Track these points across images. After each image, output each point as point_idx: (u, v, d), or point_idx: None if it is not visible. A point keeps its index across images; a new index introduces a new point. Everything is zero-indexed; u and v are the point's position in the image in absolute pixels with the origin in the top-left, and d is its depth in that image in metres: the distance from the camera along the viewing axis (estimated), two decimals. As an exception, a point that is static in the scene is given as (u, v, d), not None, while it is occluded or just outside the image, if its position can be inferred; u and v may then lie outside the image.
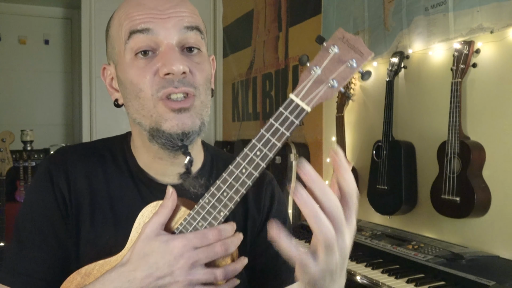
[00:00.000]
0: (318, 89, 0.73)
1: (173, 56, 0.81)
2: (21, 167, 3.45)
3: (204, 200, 0.77)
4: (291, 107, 0.73)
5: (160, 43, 0.83)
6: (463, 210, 1.67)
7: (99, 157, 0.93)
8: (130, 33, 0.82)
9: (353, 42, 0.74)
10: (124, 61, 0.85)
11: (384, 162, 2.02)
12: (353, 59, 0.73)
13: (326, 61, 0.73)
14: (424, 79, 1.98)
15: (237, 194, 0.75)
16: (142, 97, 0.83)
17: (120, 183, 0.91)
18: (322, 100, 0.73)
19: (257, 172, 0.74)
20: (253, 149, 0.74)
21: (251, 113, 3.55)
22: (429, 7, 1.90)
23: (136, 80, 0.83)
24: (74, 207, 0.88)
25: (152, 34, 0.82)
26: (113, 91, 0.92)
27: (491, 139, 1.68)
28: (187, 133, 0.83)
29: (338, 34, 0.74)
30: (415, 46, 1.98)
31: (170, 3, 0.85)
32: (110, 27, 0.89)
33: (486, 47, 1.68)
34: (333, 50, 0.73)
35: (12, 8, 4.50)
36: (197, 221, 0.77)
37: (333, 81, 0.73)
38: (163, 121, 0.83)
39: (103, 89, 4.26)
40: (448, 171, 1.72)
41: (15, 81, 4.55)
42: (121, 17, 0.86)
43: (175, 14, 0.84)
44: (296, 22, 2.94)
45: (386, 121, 2.02)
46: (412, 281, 1.54)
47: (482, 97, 1.72)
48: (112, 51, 0.89)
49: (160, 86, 0.82)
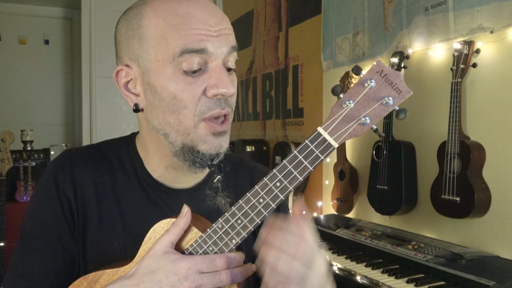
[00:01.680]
0: (348, 125, 0.70)
1: (225, 77, 0.79)
2: (21, 167, 3.44)
3: (218, 225, 0.75)
4: (317, 141, 0.70)
5: (209, 61, 0.79)
6: (463, 210, 1.67)
7: (106, 162, 0.91)
8: (183, 51, 0.77)
9: (391, 78, 0.69)
10: (165, 71, 0.79)
11: (384, 162, 2.02)
12: (389, 97, 0.68)
13: (360, 95, 0.69)
14: (424, 79, 1.98)
15: (251, 223, 0.73)
16: (183, 114, 0.80)
17: (128, 189, 0.89)
18: (351, 137, 0.70)
19: (275, 203, 0.72)
20: (273, 179, 0.72)
21: (251, 113, 3.55)
22: (429, 7, 1.89)
23: (181, 95, 0.79)
24: (80, 214, 0.87)
25: (205, 53, 0.78)
26: (130, 95, 0.86)
27: (491, 139, 1.68)
28: (220, 154, 0.83)
29: (376, 67, 0.70)
30: (415, 46, 1.98)
31: (217, 17, 0.81)
32: (143, 26, 0.81)
33: (486, 47, 1.68)
34: (370, 84, 0.69)
35: (12, 8, 4.49)
36: (208, 244, 0.76)
37: (365, 118, 0.69)
38: (202, 143, 0.81)
39: (103, 89, 4.26)
40: (448, 171, 1.72)
41: (15, 81, 4.55)
42: (166, 24, 0.79)
43: (224, 32, 0.80)
44: (296, 22, 2.94)
45: (386, 121, 2.02)
46: (412, 281, 1.54)
47: (482, 97, 1.72)
48: (142, 54, 0.81)
49: (207, 108, 0.79)
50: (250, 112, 3.56)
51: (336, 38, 2.49)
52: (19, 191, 3.44)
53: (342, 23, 2.44)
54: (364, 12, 2.28)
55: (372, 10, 2.23)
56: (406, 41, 2.02)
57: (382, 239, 1.89)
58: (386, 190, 2.01)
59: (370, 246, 1.86)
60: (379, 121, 0.73)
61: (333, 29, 2.52)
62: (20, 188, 3.44)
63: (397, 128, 2.06)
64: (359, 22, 2.32)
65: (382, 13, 2.16)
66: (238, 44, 0.84)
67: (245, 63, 3.62)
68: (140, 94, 0.84)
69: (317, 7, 2.66)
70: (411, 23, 1.99)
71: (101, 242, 0.86)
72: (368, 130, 0.73)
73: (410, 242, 1.80)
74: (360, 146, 2.35)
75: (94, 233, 0.87)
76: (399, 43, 2.06)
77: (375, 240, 1.89)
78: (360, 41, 2.31)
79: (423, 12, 1.93)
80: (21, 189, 3.44)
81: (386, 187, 2.01)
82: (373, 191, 2.08)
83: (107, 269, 0.81)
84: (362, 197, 2.32)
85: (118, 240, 0.86)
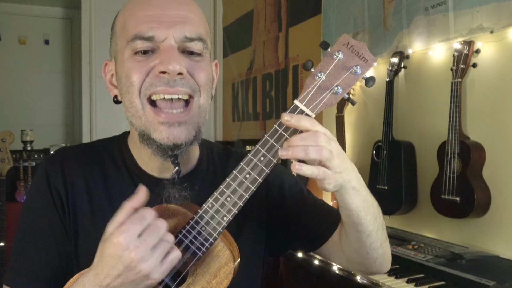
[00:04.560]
0: (322, 95, 0.74)
1: (171, 55, 0.80)
2: (21, 167, 3.44)
3: (208, 205, 0.76)
4: (295, 113, 0.73)
5: (160, 44, 0.82)
6: (463, 210, 1.67)
7: (96, 157, 0.93)
8: (134, 37, 0.82)
9: (357, 49, 0.74)
10: (124, 56, 0.84)
11: (384, 162, 2.02)
12: (357, 66, 0.73)
13: (330, 67, 0.74)
14: (424, 79, 1.98)
15: (241, 199, 0.75)
16: (131, 93, 0.82)
17: (119, 182, 0.91)
18: (326, 106, 0.74)
19: (261, 177, 0.74)
20: (257, 154, 0.74)
21: (251, 113, 3.55)
22: (429, 7, 1.89)
23: (130, 74, 0.82)
24: (71, 208, 0.88)
25: (155, 41, 0.81)
26: (112, 88, 0.92)
27: (491, 139, 1.68)
28: (179, 145, 0.82)
29: (342, 40, 0.75)
30: (415, 46, 1.98)
31: (176, 8, 0.83)
32: (115, 23, 0.89)
33: (486, 47, 1.68)
34: (338, 56, 0.74)
35: (12, 8, 4.49)
36: (200, 225, 0.77)
37: (337, 88, 0.73)
38: (153, 131, 0.82)
39: (103, 89, 4.25)
40: (448, 171, 1.72)
41: (15, 81, 4.55)
42: (126, 14, 0.85)
43: (180, 19, 0.82)
44: (296, 22, 2.94)
45: (386, 121, 2.01)
46: (412, 281, 1.53)
47: (482, 97, 1.72)
48: (114, 47, 0.89)
49: (150, 84, 0.81)
50: (250, 112, 3.56)
51: (336, 38, 2.49)
52: (19, 191, 3.43)
53: (342, 23, 2.44)
54: (364, 12, 2.28)
55: (372, 10, 2.23)
56: (406, 41, 2.02)
57: (382, 239, 1.89)
58: (386, 190, 2.01)
59: (370, 246, 1.86)
60: (379, 122, 0.75)
61: (333, 29, 2.52)
62: (20, 188, 3.44)
63: (397, 128, 2.06)
64: (359, 22, 2.32)
65: (382, 13, 2.16)
66: (237, 43, 0.85)
67: (245, 63, 3.62)
68: (117, 85, 0.89)
69: (317, 7, 2.66)
70: (411, 23, 1.99)
71: (93, 237, 0.87)
72: (369, 131, 0.74)
73: (410, 242, 1.80)
74: (360, 146, 2.35)
75: (86, 229, 0.88)
76: (399, 43, 2.06)
77: (375, 240, 1.89)
78: (360, 41, 2.31)
79: (423, 12, 1.93)
80: (21, 189, 3.43)
81: (386, 187, 2.01)
82: (373, 191, 2.05)
83: None
84: (362, 197, 2.31)
85: None
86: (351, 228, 0.86)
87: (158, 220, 0.73)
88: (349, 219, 0.84)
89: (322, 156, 0.71)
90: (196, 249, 0.78)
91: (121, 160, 0.93)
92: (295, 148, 0.71)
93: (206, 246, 0.78)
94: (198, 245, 0.78)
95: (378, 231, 0.88)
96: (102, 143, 0.96)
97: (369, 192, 0.86)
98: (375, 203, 0.88)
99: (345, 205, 0.81)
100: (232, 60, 3.86)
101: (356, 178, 0.79)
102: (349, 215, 0.83)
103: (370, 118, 2.26)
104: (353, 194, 0.79)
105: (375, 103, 2.21)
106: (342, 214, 0.86)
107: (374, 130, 2.19)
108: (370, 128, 2.26)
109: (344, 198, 0.80)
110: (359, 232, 0.85)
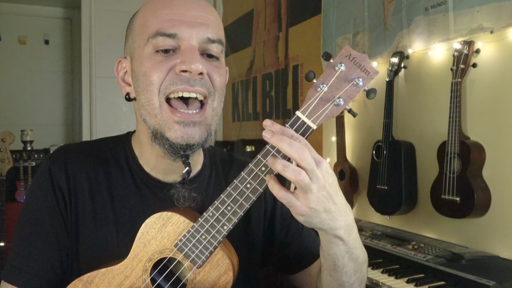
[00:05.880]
0: (324, 107, 0.73)
1: (193, 55, 0.81)
2: (21, 167, 3.44)
3: (208, 214, 0.76)
4: (297, 124, 0.73)
5: (181, 44, 0.82)
6: (463, 210, 1.67)
7: (100, 158, 0.92)
8: (156, 34, 0.82)
9: (359, 60, 0.74)
10: (143, 54, 0.84)
11: (384, 162, 2.02)
12: (359, 78, 0.73)
13: (332, 79, 0.74)
14: (424, 79, 1.98)
15: (241, 209, 0.75)
16: (150, 91, 0.82)
17: (122, 183, 0.91)
18: (327, 118, 0.74)
19: (262, 187, 0.74)
20: (258, 164, 0.74)
21: (251, 113, 3.55)
22: (429, 7, 1.89)
23: (150, 72, 0.82)
24: (73, 205, 0.88)
25: (177, 38, 0.82)
26: (124, 85, 0.91)
27: (491, 139, 1.68)
28: (192, 145, 0.82)
29: (344, 51, 0.74)
30: (415, 46, 1.98)
31: (198, 9, 0.84)
32: (134, 21, 0.89)
33: (486, 47, 1.68)
34: (340, 68, 0.73)
35: (12, 8, 4.49)
36: (200, 233, 0.77)
37: (339, 100, 0.73)
38: (167, 129, 0.82)
39: (103, 89, 4.27)
40: (448, 171, 1.72)
41: (15, 81, 4.55)
42: (148, 12, 0.85)
43: (202, 21, 0.83)
44: (296, 22, 2.94)
45: (386, 121, 2.01)
46: (412, 281, 1.53)
47: (482, 97, 1.72)
48: (132, 44, 0.88)
49: (171, 82, 0.81)
50: (250, 112, 3.56)
51: (336, 38, 2.49)
52: (19, 191, 3.44)
53: (342, 23, 2.44)
54: (364, 12, 2.28)
55: (372, 10, 2.23)
56: (406, 41, 2.02)
57: (382, 239, 1.89)
58: (386, 190, 2.01)
59: (370, 246, 1.86)
60: (379, 122, 0.75)
61: (333, 29, 2.51)
62: (20, 188, 3.44)
63: (397, 128, 2.06)
64: (359, 22, 2.32)
65: (382, 13, 2.16)
66: (237, 43, 0.86)
67: (245, 63, 3.62)
68: (131, 83, 0.89)
69: (317, 7, 2.66)
70: (411, 23, 1.99)
71: (94, 236, 0.87)
72: (369, 131, 0.74)
73: (410, 242, 1.80)
74: (360, 146, 2.35)
75: (87, 227, 0.88)
76: (399, 43, 2.06)
77: (375, 240, 1.89)
78: (360, 41, 2.31)
79: (423, 12, 1.93)
80: (21, 189, 3.44)
81: (386, 187, 2.01)
82: (373, 191, 2.08)
83: (101, 269, 0.81)
84: (362, 197, 2.32)
85: (110, 235, 0.87)
86: (325, 269, 0.83)
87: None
88: (325, 262, 0.82)
89: (298, 179, 0.68)
90: (195, 257, 0.78)
91: (125, 161, 0.93)
92: (278, 160, 0.70)
93: (206, 254, 0.78)
94: (198, 253, 0.78)
95: (354, 284, 0.83)
96: (106, 142, 0.96)
97: (360, 245, 0.82)
98: (362, 257, 0.83)
99: (323, 246, 0.79)
100: (232, 60, 3.86)
101: (345, 228, 0.76)
102: (325, 258, 0.81)
103: (370, 118, 2.26)
104: (334, 242, 0.77)
105: (375, 103, 2.21)
106: (320, 252, 0.83)
107: (374, 130, 2.19)
108: (370, 128, 2.26)
109: (324, 241, 0.78)
110: (331, 277, 0.83)
